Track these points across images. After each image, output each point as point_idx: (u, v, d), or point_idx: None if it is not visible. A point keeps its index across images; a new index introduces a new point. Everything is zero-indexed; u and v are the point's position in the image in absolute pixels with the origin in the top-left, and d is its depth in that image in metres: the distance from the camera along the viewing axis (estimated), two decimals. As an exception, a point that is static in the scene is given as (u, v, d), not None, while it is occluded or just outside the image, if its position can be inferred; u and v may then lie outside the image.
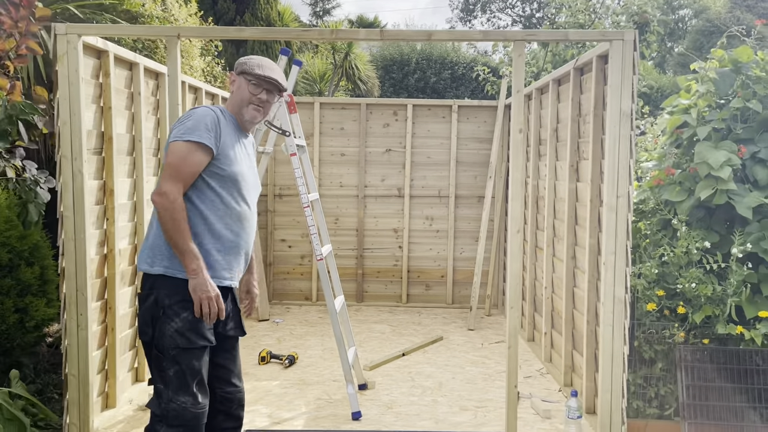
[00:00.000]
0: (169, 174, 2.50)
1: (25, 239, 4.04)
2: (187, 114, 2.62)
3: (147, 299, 2.58)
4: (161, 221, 2.49)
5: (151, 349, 2.59)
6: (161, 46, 5.69)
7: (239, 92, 2.73)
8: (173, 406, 2.53)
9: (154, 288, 2.56)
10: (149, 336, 2.56)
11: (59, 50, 3.32)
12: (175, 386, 2.53)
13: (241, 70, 2.74)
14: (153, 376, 2.61)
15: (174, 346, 2.52)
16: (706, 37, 16.34)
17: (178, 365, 2.53)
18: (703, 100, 4.40)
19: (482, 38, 3.56)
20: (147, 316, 2.56)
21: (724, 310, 3.95)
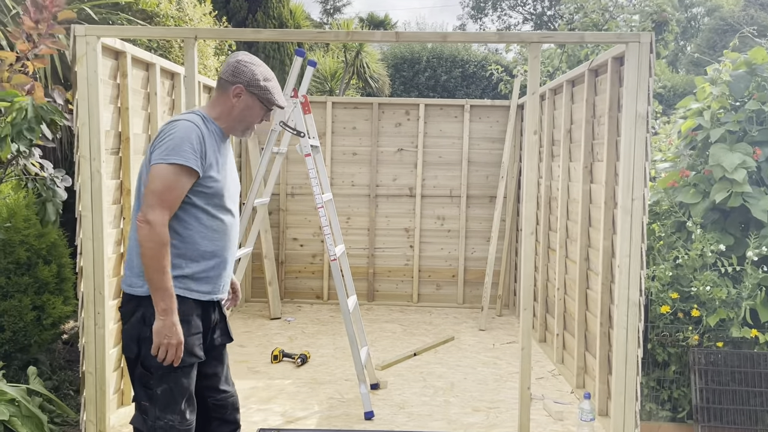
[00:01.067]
0: (154, 201, 2.34)
1: (43, 238, 4.09)
2: (168, 129, 2.42)
3: (132, 315, 2.47)
4: (142, 250, 2.34)
5: (135, 367, 2.49)
6: (175, 46, 5.72)
7: (247, 112, 2.55)
8: (160, 423, 2.44)
9: (141, 306, 2.44)
10: (134, 353, 2.45)
11: (78, 51, 3.36)
12: (163, 404, 2.44)
13: (255, 92, 2.53)
14: (137, 393, 2.51)
15: (160, 365, 2.41)
16: (719, 35, 16.22)
17: (166, 384, 2.44)
18: (718, 102, 4.38)
19: (498, 40, 3.57)
20: (133, 333, 2.45)
21: (738, 314, 3.94)
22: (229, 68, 2.54)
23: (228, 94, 2.53)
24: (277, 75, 9.89)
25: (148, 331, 2.42)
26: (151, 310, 2.41)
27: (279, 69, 10.05)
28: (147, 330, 2.42)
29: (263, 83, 2.53)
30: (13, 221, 4.00)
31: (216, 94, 2.59)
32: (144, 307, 2.44)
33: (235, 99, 2.52)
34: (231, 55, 2.60)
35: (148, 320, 2.42)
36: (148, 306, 2.42)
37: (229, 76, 2.52)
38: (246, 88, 2.52)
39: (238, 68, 2.52)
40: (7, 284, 3.92)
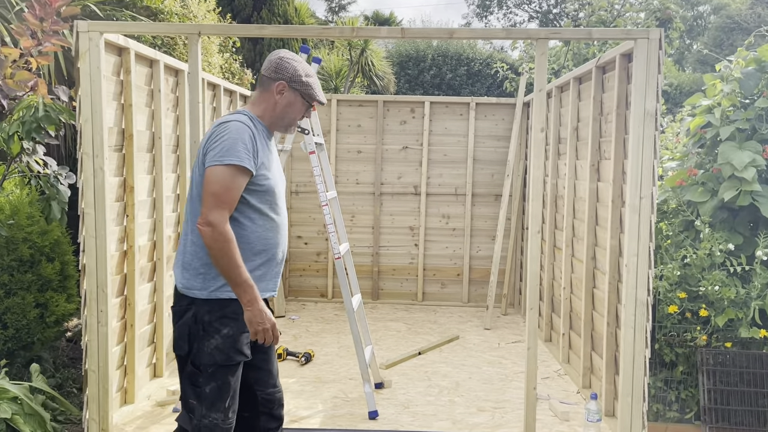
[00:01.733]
0: (214, 203, 2.36)
1: (46, 235, 4.07)
2: (220, 130, 2.43)
3: (184, 314, 2.49)
4: (211, 252, 2.38)
5: (185, 364, 2.52)
6: (180, 43, 5.70)
7: (290, 109, 2.58)
8: (205, 422, 2.47)
9: (193, 304, 2.48)
10: (185, 351, 2.48)
11: (81, 47, 3.33)
12: (209, 403, 2.47)
13: (298, 88, 2.55)
14: (185, 391, 2.52)
15: (212, 362, 2.45)
16: (726, 33, 16.13)
17: (214, 382, 2.47)
18: (727, 99, 4.33)
19: (505, 36, 3.53)
20: (184, 331, 2.48)
21: (747, 314, 3.89)
22: (271, 65, 2.56)
23: (271, 90, 2.56)
24: (281, 73, 9.88)
25: (199, 330, 2.46)
26: (203, 310, 2.46)
27: (284, 67, 10.03)
28: (198, 329, 2.46)
29: (305, 79, 2.57)
30: (17, 218, 3.98)
31: (258, 92, 2.61)
32: (197, 307, 2.47)
33: (278, 95, 2.55)
34: (272, 53, 2.62)
35: (199, 320, 2.47)
36: (200, 306, 2.47)
37: (271, 72, 2.55)
38: (288, 84, 2.54)
39: (281, 64, 2.55)
40: (10, 281, 3.90)
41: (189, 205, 2.53)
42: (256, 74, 9.27)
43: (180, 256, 2.55)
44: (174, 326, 2.55)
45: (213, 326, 2.46)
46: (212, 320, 2.46)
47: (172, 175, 4.54)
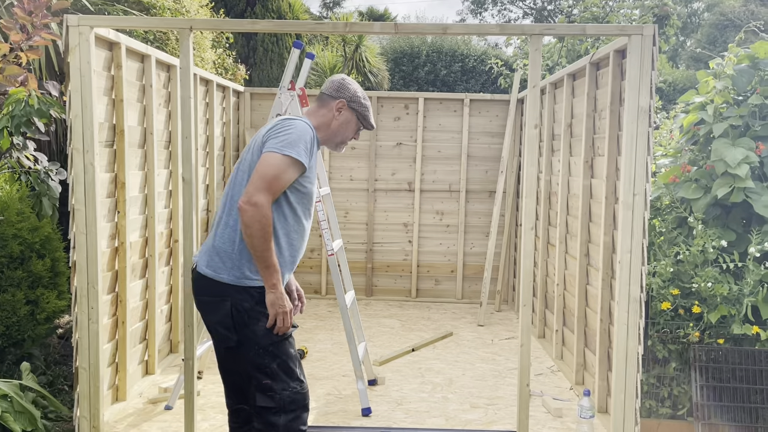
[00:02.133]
0: (263, 185, 2.45)
1: (37, 231, 4.04)
2: (287, 125, 2.57)
3: (220, 306, 2.55)
4: (249, 231, 2.45)
5: (238, 353, 2.58)
6: (172, 38, 5.66)
7: (345, 127, 2.76)
8: (287, 393, 2.57)
9: (227, 295, 2.54)
10: (235, 341, 2.55)
11: (71, 42, 3.30)
12: (283, 376, 2.58)
13: (356, 108, 2.75)
14: (252, 377, 2.58)
15: (270, 342, 2.55)
16: (719, 30, 16.15)
17: (278, 357, 2.57)
18: (720, 96, 4.32)
19: (499, 32, 3.51)
20: (227, 323, 2.54)
21: (740, 310, 3.90)
22: (333, 84, 2.76)
23: (330, 107, 2.74)
24: (275, 68, 9.83)
25: (244, 317, 2.53)
26: (239, 297, 2.52)
27: (278, 63, 9.98)
28: (242, 317, 2.53)
29: (363, 101, 2.78)
30: (6, 214, 3.95)
31: (315, 107, 2.78)
32: (231, 296, 2.53)
33: (336, 112, 2.73)
34: (335, 75, 2.83)
35: (240, 308, 2.52)
36: (235, 295, 2.53)
37: (333, 91, 2.75)
38: (348, 104, 2.74)
39: (343, 85, 2.76)
40: (0, 278, 3.87)
41: (230, 192, 2.60)
42: (249, 70, 9.23)
43: (210, 241, 2.62)
44: (210, 319, 2.60)
45: (255, 310, 2.54)
46: (252, 306, 2.54)
47: (164, 171, 4.51)
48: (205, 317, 2.65)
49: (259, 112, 6.70)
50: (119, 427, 3.62)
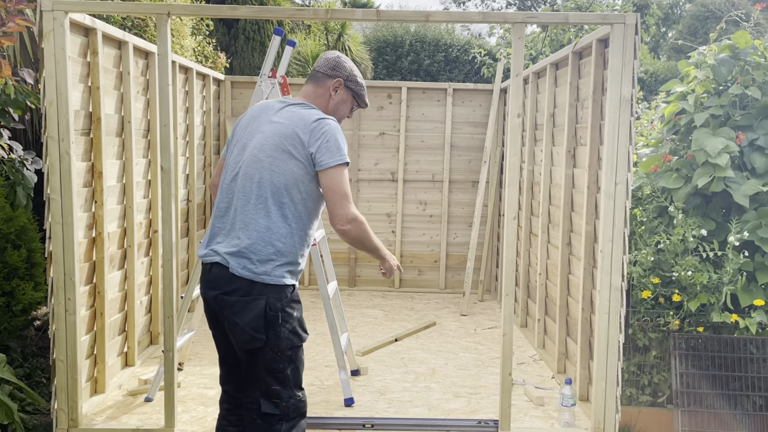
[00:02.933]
0: (347, 201, 2.54)
1: (12, 222, 3.96)
2: (326, 128, 2.56)
3: (254, 305, 2.48)
4: (359, 244, 2.60)
5: (256, 355, 2.52)
6: (151, 25, 5.56)
7: (341, 106, 2.75)
8: (293, 402, 2.57)
9: (263, 293, 2.49)
10: (263, 341, 2.49)
11: (45, 27, 3.21)
12: (292, 383, 2.57)
13: (352, 87, 2.74)
14: (263, 381, 2.53)
15: (290, 345, 2.54)
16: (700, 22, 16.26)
17: (293, 363, 2.57)
18: (701, 86, 4.35)
19: (481, 20, 3.49)
20: (259, 323, 2.47)
21: (719, 299, 3.94)
22: (328, 63, 2.72)
23: (326, 86, 2.71)
24: (257, 57, 9.72)
25: (277, 318, 2.50)
26: (273, 297, 2.49)
27: (259, 51, 9.86)
28: (275, 317, 2.49)
29: (359, 80, 2.76)
30: (-20, 204, 3.86)
31: (312, 87, 2.73)
32: (266, 295, 2.49)
33: (333, 92, 2.71)
34: (328, 52, 2.76)
35: (273, 307, 2.49)
36: (270, 293, 2.49)
37: (328, 69, 2.70)
38: (344, 83, 2.72)
39: (339, 63, 2.72)
40: (-26, 270, 3.79)
41: (270, 191, 2.53)
42: (230, 57, 9.12)
43: (236, 240, 2.53)
44: (239, 320, 2.49)
45: (286, 311, 2.53)
46: (284, 306, 2.52)
47: (142, 160, 4.44)
48: (232, 317, 2.52)
49: (240, 101, 6.62)
50: (98, 420, 3.57)
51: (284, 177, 2.52)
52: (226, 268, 2.52)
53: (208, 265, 2.60)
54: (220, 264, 2.55)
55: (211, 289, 2.58)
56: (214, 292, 2.56)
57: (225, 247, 2.56)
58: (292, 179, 2.53)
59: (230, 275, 2.51)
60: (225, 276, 2.53)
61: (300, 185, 2.55)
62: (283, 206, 2.53)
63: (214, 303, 2.59)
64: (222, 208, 2.63)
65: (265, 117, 2.64)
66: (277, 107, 2.67)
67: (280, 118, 2.60)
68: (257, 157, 2.55)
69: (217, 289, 2.55)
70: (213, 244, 2.61)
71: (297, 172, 2.53)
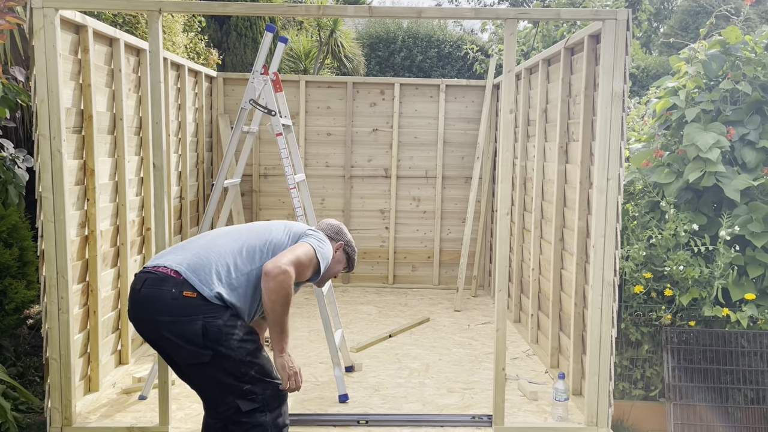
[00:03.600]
0: (296, 262, 2.72)
1: (3, 220, 3.94)
2: (320, 238, 2.94)
3: (190, 326, 2.57)
4: (273, 296, 2.63)
5: (214, 366, 2.60)
6: (142, 22, 5.54)
7: (337, 265, 3.13)
8: (269, 392, 2.68)
9: (198, 314, 2.58)
10: (209, 356, 2.58)
11: (35, 24, 3.20)
12: (261, 379, 2.66)
13: (349, 252, 3.16)
14: (232, 385, 2.62)
15: (246, 352, 2.64)
16: (692, 17, 16.31)
17: (255, 364, 2.66)
18: (692, 81, 4.37)
19: (474, 16, 3.49)
20: (198, 342, 2.57)
21: (710, 293, 3.97)
22: (333, 228, 3.16)
23: (331, 246, 3.05)
24: (249, 53, 9.69)
25: (217, 333, 2.58)
26: (210, 315, 2.59)
27: (251, 47, 9.83)
28: (215, 332, 2.58)
29: (354, 247, 3.20)
30: (-29, 203, 3.84)
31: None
32: (202, 315, 2.58)
33: (335, 252, 3.09)
34: (330, 220, 3.20)
35: (212, 324, 2.58)
36: (206, 312, 2.59)
37: (334, 234, 3.14)
38: (344, 247, 3.15)
39: (341, 230, 3.17)
40: (-35, 268, 3.78)
41: (268, 245, 2.81)
42: (222, 54, 9.09)
43: (217, 266, 2.69)
44: (177, 341, 2.59)
45: (228, 325, 2.62)
46: (225, 321, 2.61)
47: (134, 157, 4.42)
48: (168, 332, 2.60)
49: (233, 98, 6.60)
50: (92, 418, 3.57)
51: (280, 239, 2.91)
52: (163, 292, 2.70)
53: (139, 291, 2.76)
54: (142, 288, 2.71)
55: (151, 315, 2.71)
56: (152, 317, 2.70)
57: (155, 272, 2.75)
58: (280, 240, 2.90)
59: (160, 295, 2.69)
60: (153, 297, 2.70)
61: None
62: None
63: (151, 328, 2.75)
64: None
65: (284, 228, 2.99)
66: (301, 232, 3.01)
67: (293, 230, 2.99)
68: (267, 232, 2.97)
69: (154, 312, 2.68)
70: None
71: (286, 241, 2.90)
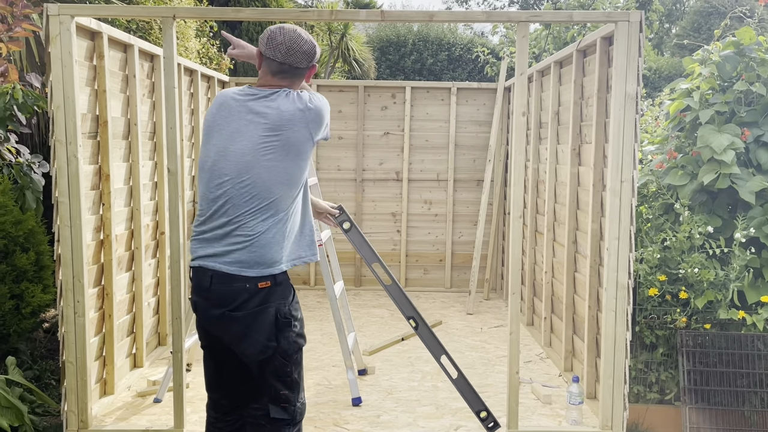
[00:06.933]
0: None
1: (20, 225, 3.98)
2: (319, 105, 2.49)
3: (264, 314, 2.42)
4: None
5: (268, 362, 2.46)
6: (155, 27, 5.59)
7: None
8: (299, 405, 2.55)
9: (270, 300, 2.43)
10: (273, 349, 2.44)
11: (51, 32, 3.24)
12: (298, 386, 2.55)
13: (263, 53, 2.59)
14: (272, 387, 2.48)
15: (297, 348, 2.52)
16: (704, 18, 16.20)
17: (299, 365, 2.54)
18: (706, 83, 4.34)
19: (485, 19, 3.49)
20: (271, 331, 2.43)
21: (726, 295, 3.93)
22: (306, 56, 2.49)
23: (303, 77, 2.56)
24: (260, 58, 9.74)
25: (285, 323, 2.45)
26: (279, 301, 2.44)
27: (263, 52, 9.90)
28: (283, 322, 2.45)
29: (276, 44, 2.51)
30: (-11, 208, 3.89)
31: (286, 82, 2.51)
32: (274, 300, 2.44)
33: (310, 79, 2.61)
34: (296, 43, 2.47)
35: (281, 311, 2.44)
36: (276, 298, 2.44)
37: (308, 63, 2.51)
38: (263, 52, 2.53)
39: (314, 51, 2.51)
40: (-17, 273, 3.82)
41: (281, 193, 2.43)
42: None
43: (251, 248, 2.41)
44: (251, 332, 2.42)
45: (292, 314, 2.49)
46: (290, 309, 2.48)
47: (149, 162, 4.46)
48: (243, 332, 2.43)
49: (245, 103, 6.63)
50: (108, 421, 3.60)
51: (288, 176, 2.49)
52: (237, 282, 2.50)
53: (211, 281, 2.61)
54: (213, 277, 2.51)
55: (225, 311, 2.58)
56: (226, 312, 2.57)
57: (209, 257, 2.57)
58: (289, 178, 2.51)
59: (226, 289, 2.50)
60: (225, 291, 2.55)
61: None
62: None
63: (223, 323, 2.61)
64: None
65: (242, 115, 2.47)
66: (251, 101, 2.49)
67: (272, 113, 2.45)
68: (259, 150, 2.46)
69: (229, 309, 2.54)
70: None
71: (298, 167, 2.52)
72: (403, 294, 3.26)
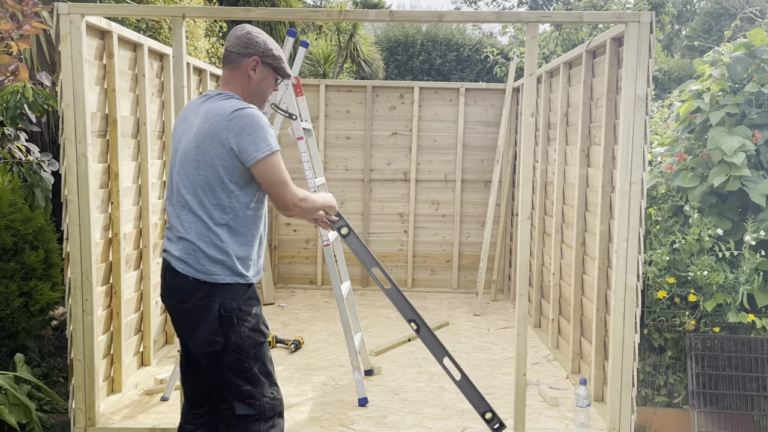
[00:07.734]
0: (288, 186, 2.52)
1: (29, 223, 4.01)
2: (249, 121, 2.39)
3: (208, 308, 2.42)
4: (309, 218, 2.69)
5: (221, 357, 2.46)
6: (165, 27, 5.61)
7: (263, 83, 2.56)
8: (266, 400, 2.51)
9: (215, 295, 2.43)
10: (221, 344, 2.43)
11: (62, 30, 3.25)
12: (263, 381, 2.51)
13: (270, 63, 2.53)
14: (233, 383, 2.47)
15: (253, 344, 2.49)
16: (714, 19, 16.11)
17: (260, 361, 2.51)
18: (717, 84, 4.31)
19: (495, 20, 3.48)
20: (215, 326, 2.42)
21: (735, 298, 3.91)
22: (240, 41, 2.51)
23: (243, 67, 2.51)
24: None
25: (232, 318, 2.44)
26: (228, 297, 2.44)
27: (271, 52, 9.92)
28: (230, 318, 2.44)
29: (276, 53, 2.56)
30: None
31: (229, 72, 2.54)
32: (219, 296, 2.44)
33: (251, 71, 2.52)
34: (236, 29, 2.54)
35: (227, 308, 2.44)
36: (224, 293, 2.44)
37: (242, 48, 2.50)
38: (261, 59, 2.51)
39: (251, 40, 2.50)
40: (-7, 270, 3.84)
41: (203, 195, 2.43)
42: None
43: (194, 245, 2.44)
44: (195, 324, 2.45)
45: (242, 310, 2.47)
46: (241, 305, 2.47)
47: (157, 161, 4.47)
48: (192, 324, 2.46)
49: (254, 102, 6.65)
50: (115, 419, 3.61)
51: (210, 178, 2.42)
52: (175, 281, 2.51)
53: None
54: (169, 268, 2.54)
55: (174, 301, 2.60)
56: (176, 303, 2.58)
57: (170, 252, 2.55)
58: (211, 180, 2.43)
59: (177, 284, 2.50)
60: (176, 285, 2.52)
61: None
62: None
63: (175, 314, 2.63)
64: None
65: (190, 117, 2.51)
66: (198, 103, 2.52)
67: (201, 118, 2.45)
68: (189, 157, 2.45)
69: (176, 299, 2.56)
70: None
71: (219, 171, 2.42)
72: (403, 297, 3.26)
